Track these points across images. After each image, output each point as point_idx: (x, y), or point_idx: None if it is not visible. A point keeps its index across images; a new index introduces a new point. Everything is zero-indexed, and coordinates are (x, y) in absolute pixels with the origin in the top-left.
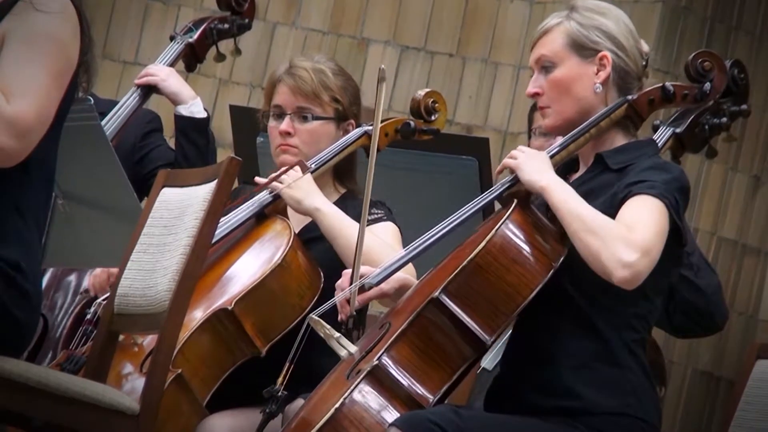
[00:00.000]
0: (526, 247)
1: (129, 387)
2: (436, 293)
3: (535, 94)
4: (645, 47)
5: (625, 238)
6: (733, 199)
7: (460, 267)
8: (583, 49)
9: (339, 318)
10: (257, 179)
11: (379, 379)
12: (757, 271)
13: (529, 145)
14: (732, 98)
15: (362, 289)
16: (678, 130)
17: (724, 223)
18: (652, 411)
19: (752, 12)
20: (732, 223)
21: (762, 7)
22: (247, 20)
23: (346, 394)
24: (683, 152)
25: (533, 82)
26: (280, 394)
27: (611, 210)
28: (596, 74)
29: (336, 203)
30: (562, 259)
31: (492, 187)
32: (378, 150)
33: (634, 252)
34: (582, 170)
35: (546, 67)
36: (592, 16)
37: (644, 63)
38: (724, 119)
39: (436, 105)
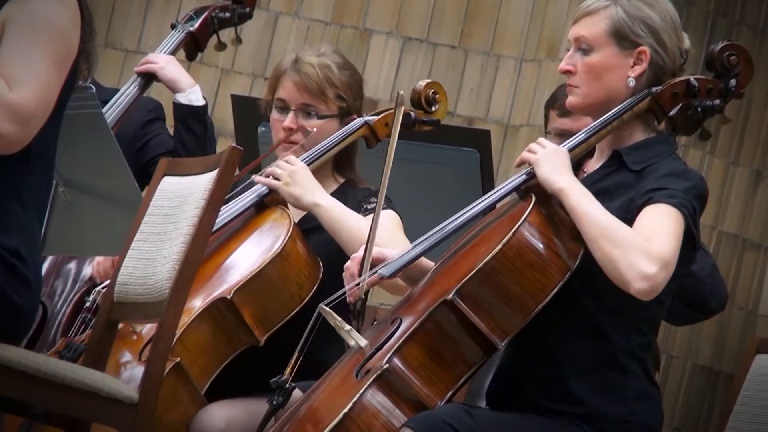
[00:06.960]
0: (543, 251)
1: (128, 375)
2: (450, 295)
3: (567, 71)
4: (686, 44)
5: (645, 249)
6: (734, 194)
7: (475, 269)
8: (623, 40)
9: (348, 300)
10: (254, 177)
11: (389, 381)
12: (757, 266)
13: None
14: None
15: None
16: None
17: (725, 217)
18: (656, 416)
19: (755, 6)
20: (733, 218)
21: (765, 1)
22: (248, 9)
23: (355, 398)
24: (675, 135)
25: (568, 58)
26: (288, 385)
27: (628, 215)
28: (632, 67)
29: (335, 193)
30: (578, 260)
31: (494, 179)
32: (378, 140)
33: (654, 264)
34: (596, 161)
35: (583, 49)
36: (640, 6)
37: (683, 61)
38: (717, 101)
39: (437, 96)
